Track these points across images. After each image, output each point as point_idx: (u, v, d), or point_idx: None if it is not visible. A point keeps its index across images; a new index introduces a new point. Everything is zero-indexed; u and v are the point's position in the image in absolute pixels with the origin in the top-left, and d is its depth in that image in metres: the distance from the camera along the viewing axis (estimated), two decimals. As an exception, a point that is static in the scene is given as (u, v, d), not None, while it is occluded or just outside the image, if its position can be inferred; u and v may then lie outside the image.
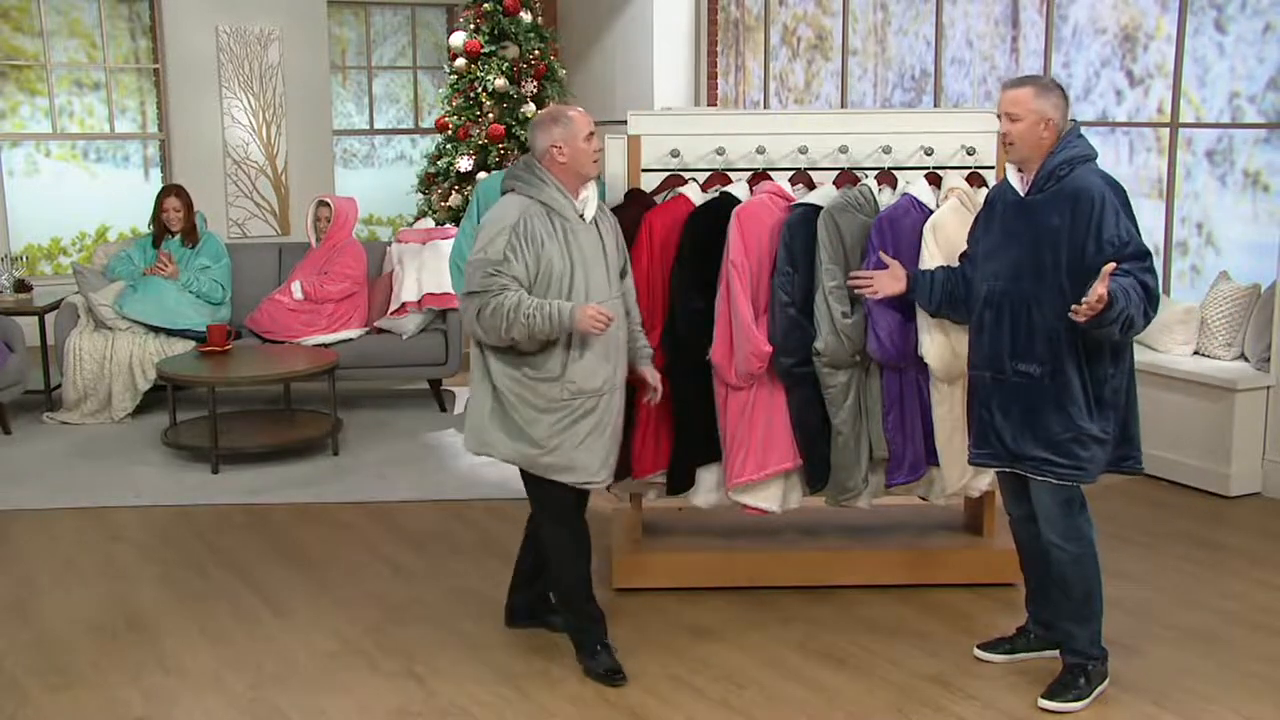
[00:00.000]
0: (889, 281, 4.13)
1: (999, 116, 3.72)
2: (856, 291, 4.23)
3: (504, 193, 3.92)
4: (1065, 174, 3.64)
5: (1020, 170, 3.77)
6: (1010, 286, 3.71)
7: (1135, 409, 3.78)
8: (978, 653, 4.10)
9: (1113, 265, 3.45)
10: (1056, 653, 3.93)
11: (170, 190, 7.64)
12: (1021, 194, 3.74)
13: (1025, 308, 3.67)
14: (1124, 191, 3.66)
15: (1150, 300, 3.53)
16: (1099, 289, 3.40)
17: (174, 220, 7.53)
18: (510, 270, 3.74)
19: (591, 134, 3.86)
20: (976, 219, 4.00)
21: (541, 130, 3.85)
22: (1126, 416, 3.75)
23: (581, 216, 3.88)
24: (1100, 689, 3.82)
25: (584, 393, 3.84)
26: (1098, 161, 3.72)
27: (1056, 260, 3.62)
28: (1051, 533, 3.76)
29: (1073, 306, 3.47)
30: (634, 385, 4.13)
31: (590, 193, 3.92)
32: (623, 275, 4.08)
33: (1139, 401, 3.81)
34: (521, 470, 3.93)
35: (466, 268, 3.83)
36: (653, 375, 4.14)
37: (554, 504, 3.96)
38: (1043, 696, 3.79)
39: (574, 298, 3.81)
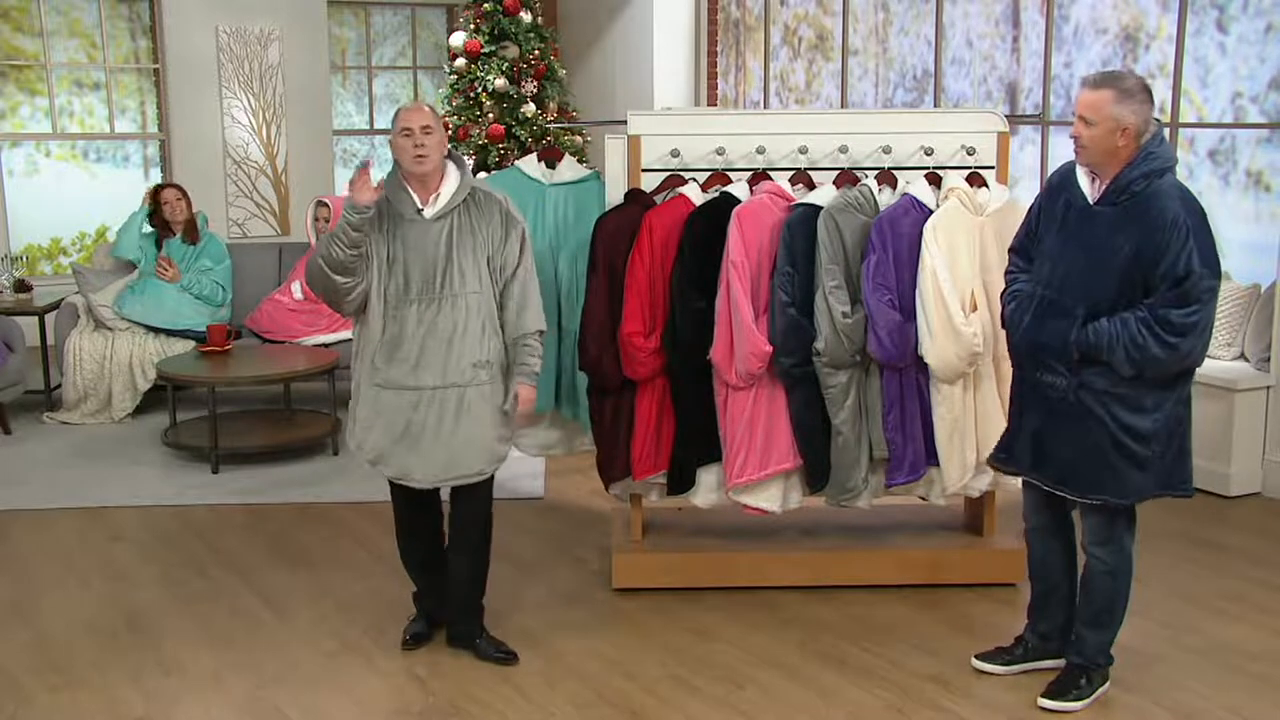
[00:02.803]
0: None
1: (1075, 116, 3.47)
2: None
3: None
4: (1141, 189, 3.41)
5: (1094, 175, 3.53)
6: (1059, 295, 3.54)
7: (1188, 433, 3.59)
8: (975, 663, 4.04)
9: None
10: (1053, 663, 3.92)
11: (164, 185, 7.67)
12: (1090, 201, 3.53)
13: (1069, 317, 3.52)
14: (1201, 211, 3.42)
15: (1157, 340, 3.37)
16: None
17: (176, 210, 7.51)
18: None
19: (408, 130, 3.77)
20: (1035, 204, 3.75)
21: None
22: (1182, 442, 3.58)
23: (419, 213, 3.86)
24: (1101, 690, 3.81)
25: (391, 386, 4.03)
26: (1176, 171, 3.48)
27: (1111, 276, 3.44)
28: (1090, 542, 3.73)
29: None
30: (635, 384, 4.12)
31: (446, 189, 3.87)
32: (503, 277, 3.93)
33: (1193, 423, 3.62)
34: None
35: None
36: (525, 393, 3.95)
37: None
38: (1043, 695, 3.79)
39: (393, 289, 3.87)
